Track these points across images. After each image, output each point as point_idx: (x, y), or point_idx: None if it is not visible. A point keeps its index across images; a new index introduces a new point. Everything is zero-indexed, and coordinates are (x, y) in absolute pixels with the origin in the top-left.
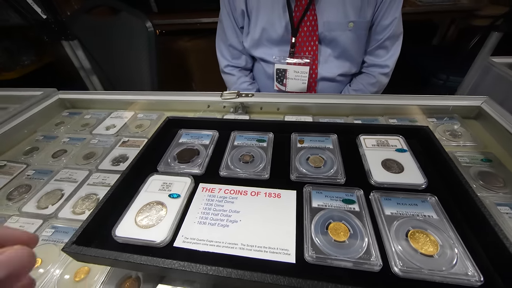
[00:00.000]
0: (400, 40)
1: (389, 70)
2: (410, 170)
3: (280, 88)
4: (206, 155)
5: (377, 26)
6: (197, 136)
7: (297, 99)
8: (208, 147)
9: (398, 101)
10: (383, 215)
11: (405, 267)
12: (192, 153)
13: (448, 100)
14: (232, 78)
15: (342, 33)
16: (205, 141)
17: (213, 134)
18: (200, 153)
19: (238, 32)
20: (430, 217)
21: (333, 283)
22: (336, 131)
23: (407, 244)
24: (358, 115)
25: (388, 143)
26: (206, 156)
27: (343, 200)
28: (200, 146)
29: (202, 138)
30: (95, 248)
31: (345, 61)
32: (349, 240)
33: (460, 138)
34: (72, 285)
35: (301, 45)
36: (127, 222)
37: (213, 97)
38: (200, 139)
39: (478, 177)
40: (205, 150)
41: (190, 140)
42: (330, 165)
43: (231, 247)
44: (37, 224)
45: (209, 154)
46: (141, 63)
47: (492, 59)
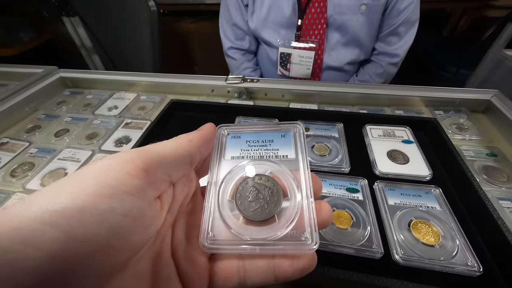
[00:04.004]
0: (415, 27)
1: (399, 59)
2: (416, 161)
3: (283, 73)
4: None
5: (391, 9)
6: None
7: (302, 86)
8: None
9: (405, 92)
10: (386, 204)
11: (406, 255)
12: (272, 191)
13: (457, 93)
14: (235, 63)
15: (353, 17)
16: (285, 150)
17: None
18: (290, 189)
19: (243, 10)
20: (433, 208)
21: (334, 268)
22: (343, 120)
23: (409, 234)
24: (364, 105)
25: (395, 134)
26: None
27: (347, 189)
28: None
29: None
30: None
31: (354, 48)
32: (351, 228)
33: (466, 131)
34: None
35: (307, 28)
36: None
37: (217, 81)
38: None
39: (482, 171)
40: (292, 180)
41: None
42: (335, 154)
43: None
44: None
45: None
46: (143, 43)
47: (506, 52)
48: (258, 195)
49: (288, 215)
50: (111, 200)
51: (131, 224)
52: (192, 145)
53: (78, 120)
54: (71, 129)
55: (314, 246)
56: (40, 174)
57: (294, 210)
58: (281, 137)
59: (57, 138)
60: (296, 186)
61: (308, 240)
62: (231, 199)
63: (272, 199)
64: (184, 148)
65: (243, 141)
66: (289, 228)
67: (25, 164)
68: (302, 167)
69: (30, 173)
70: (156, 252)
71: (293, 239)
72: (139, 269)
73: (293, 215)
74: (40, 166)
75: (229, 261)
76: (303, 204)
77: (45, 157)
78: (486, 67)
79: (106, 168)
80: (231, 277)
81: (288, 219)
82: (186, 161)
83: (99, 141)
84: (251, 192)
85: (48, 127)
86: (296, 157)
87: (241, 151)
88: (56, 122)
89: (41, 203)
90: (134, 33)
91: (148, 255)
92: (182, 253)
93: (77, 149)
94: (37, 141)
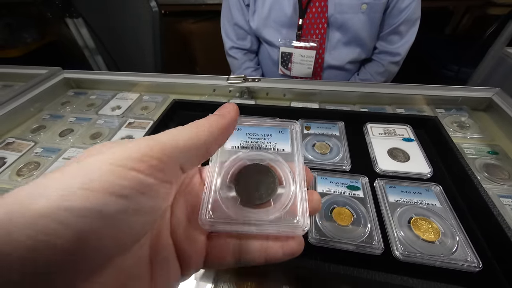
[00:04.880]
0: (416, 26)
1: (400, 58)
2: (416, 159)
3: (284, 72)
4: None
5: (392, 8)
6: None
7: (304, 85)
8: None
9: (406, 91)
10: (387, 202)
11: (406, 251)
12: (269, 180)
13: (458, 91)
14: (237, 62)
15: (353, 16)
16: (283, 144)
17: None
18: (286, 180)
19: (244, 9)
20: (434, 205)
21: (335, 264)
22: (344, 119)
23: (409, 230)
24: (365, 104)
25: (396, 132)
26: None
27: (347, 186)
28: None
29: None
30: None
31: (355, 47)
32: (352, 225)
33: (467, 130)
34: None
35: (308, 27)
36: None
37: (219, 81)
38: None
39: (483, 169)
40: (289, 172)
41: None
42: (336, 152)
43: None
44: None
45: (301, 173)
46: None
47: (508, 50)
48: (256, 181)
49: (283, 201)
50: (124, 201)
51: (141, 218)
52: (210, 134)
53: (82, 120)
54: (75, 129)
55: (305, 228)
56: (45, 173)
57: (289, 197)
58: (279, 133)
59: (61, 138)
60: (291, 176)
61: (299, 223)
62: (230, 183)
63: (269, 186)
64: (200, 138)
65: (244, 133)
66: (284, 212)
67: (31, 164)
68: (297, 160)
69: (35, 172)
70: (156, 232)
71: (287, 222)
72: (140, 249)
73: (287, 201)
74: (45, 165)
75: (226, 240)
76: (296, 192)
77: (50, 157)
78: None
79: (115, 167)
80: (227, 256)
81: (282, 204)
82: (202, 152)
83: (103, 140)
84: (250, 178)
85: (52, 127)
86: (292, 151)
87: (242, 142)
88: (60, 122)
89: (56, 187)
90: (136, 34)
91: (148, 235)
92: (181, 232)
93: (81, 148)
94: (42, 140)
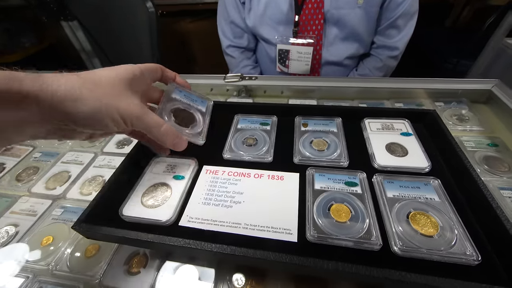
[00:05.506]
0: (414, 19)
1: (398, 52)
2: (414, 153)
3: (282, 70)
4: (205, 123)
5: (390, 2)
6: (192, 99)
7: (301, 82)
8: (205, 115)
9: (404, 85)
10: (385, 197)
11: (404, 246)
12: (190, 117)
13: (457, 84)
14: (234, 61)
15: (350, 11)
16: (200, 107)
17: (208, 103)
18: (199, 120)
19: (240, 7)
20: (432, 199)
21: (333, 261)
22: (341, 115)
23: (407, 225)
24: (364, 99)
25: (393, 126)
26: (205, 125)
27: (345, 182)
28: (196, 111)
29: (197, 103)
30: (104, 226)
31: (352, 43)
32: (350, 221)
33: (467, 122)
34: (83, 261)
35: (305, 24)
36: (134, 202)
37: (216, 80)
38: (195, 103)
39: (483, 161)
40: (202, 117)
41: (183, 99)
42: (333, 148)
43: (235, 226)
44: (47, 204)
45: (207, 123)
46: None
47: (507, 41)
48: (184, 116)
49: (195, 128)
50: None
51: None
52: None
53: None
54: None
55: (202, 141)
56: (44, 177)
57: (199, 125)
58: (201, 101)
59: (60, 142)
60: (202, 116)
61: (202, 135)
62: (170, 113)
63: (190, 119)
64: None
65: (182, 93)
66: (195, 130)
67: (30, 168)
68: (205, 113)
69: (35, 177)
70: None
71: (194, 133)
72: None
73: (197, 127)
74: (44, 169)
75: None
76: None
77: (49, 161)
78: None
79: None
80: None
81: (195, 129)
82: (158, 71)
83: (101, 143)
84: (180, 113)
85: None
86: (205, 111)
87: (180, 96)
88: None
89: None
90: (133, 35)
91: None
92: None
93: (80, 152)
94: (40, 145)
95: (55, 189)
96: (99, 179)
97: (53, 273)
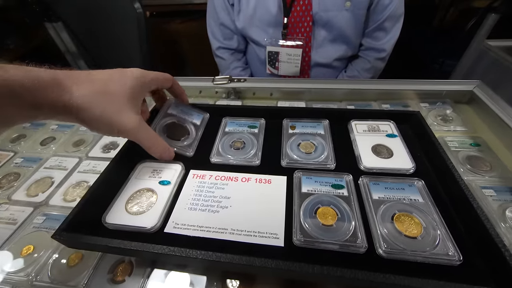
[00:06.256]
0: (400, 21)
1: (385, 54)
2: (399, 155)
3: (272, 72)
4: (197, 137)
5: (376, 5)
6: (188, 113)
7: (290, 84)
8: (199, 129)
9: (391, 86)
10: (370, 199)
11: (389, 248)
12: (182, 131)
13: (441, 85)
14: (224, 63)
15: (338, 13)
16: (195, 121)
17: (204, 115)
18: (191, 133)
19: (229, 9)
20: (416, 200)
21: (319, 265)
22: (328, 117)
23: (392, 227)
24: (352, 100)
25: (379, 128)
26: (196, 139)
27: (332, 185)
28: (191, 125)
29: (193, 117)
30: (85, 235)
31: (341, 45)
32: (336, 224)
33: (451, 123)
34: (66, 271)
35: (293, 26)
36: (118, 209)
37: (204, 82)
38: (191, 117)
39: (466, 161)
40: (195, 131)
41: (179, 114)
42: (320, 151)
43: (221, 232)
44: (28, 211)
45: (199, 136)
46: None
47: (488, 42)
48: (176, 130)
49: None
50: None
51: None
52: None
53: (65, 127)
54: (58, 136)
55: (191, 153)
56: (26, 184)
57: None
58: (197, 115)
59: (43, 147)
60: (195, 128)
61: (191, 147)
62: (164, 127)
63: (183, 132)
64: (162, 77)
65: (179, 108)
66: (186, 142)
67: (11, 175)
68: (199, 126)
69: (16, 184)
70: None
71: (185, 145)
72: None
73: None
74: (26, 176)
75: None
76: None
77: (31, 167)
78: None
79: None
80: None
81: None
82: (169, 81)
83: (87, 147)
84: (174, 127)
85: (33, 136)
86: (199, 123)
87: (176, 111)
88: (42, 130)
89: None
90: (121, 37)
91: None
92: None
93: (63, 156)
94: (22, 150)
95: (37, 195)
96: (83, 184)
97: (33, 284)
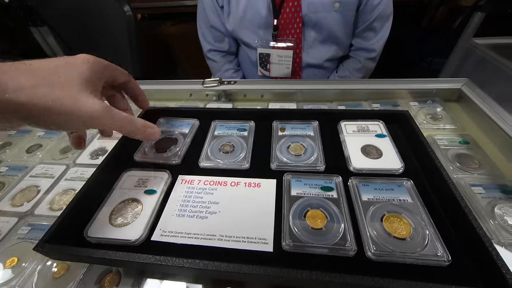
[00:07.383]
0: (389, 21)
1: (376, 54)
2: (389, 155)
3: (264, 73)
4: (184, 144)
5: (365, 5)
6: (177, 125)
7: (281, 85)
8: (186, 136)
9: (381, 86)
10: (360, 201)
11: (378, 251)
12: (170, 142)
13: (430, 83)
14: (216, 65)
15: (327, 15)
16: (184, 129)
17: (193, 122)
18: (178, 141)
19: (219, 11)
20: (405, 201)
21: (307, 270)
22: (318, 118)
23: (381, 228)
24: (342, 101)
25: (369, 128)
26: (184, 145)
27: (321, 187)
28: (179, 135)
29: (182, 127)
30: (69, 246)
31: (331, 45)
32: (326, 227)
33: (440, 121)
34: (52, 282)
35: (284, 27)
36: (100, 221)
37: (194, 85)
38: (179, 128)
39: (455, 159)
40: (183, 139)
41: (169, 128)
42: (310, 152)
43: (210, 238)
44: (13, 222)
45: (187, 143)
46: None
47: (475, 40)
48: (163, 142)
49: (175, 150)
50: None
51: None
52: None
53: (52, 134)
54: (44, 143)
55: (179, 160)
56: (10, 193)
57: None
58: (186, 124)
59: (29, 154)
60: (183, 137)
61: (177, 156)
62: (151, 147)
63: (170, 142)
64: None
65: (169, 124)
66: (172, 151)
67: None
68: (187, 134)
69: (0, 193)
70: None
71: (171, 155)
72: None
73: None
74: (11, 185)
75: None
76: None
77: (16, 175)
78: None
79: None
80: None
81: (176, 151)
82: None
83: (74, 154)
84: (161, 141)
85: (19, 143)
86: (188, 131)
87: (166, 127)
88: (28, 138)
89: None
90: (111, 40)
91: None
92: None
93: (50, 164)
94: (7, 158)
95: (22, 205)
96: (71, 192)
97: None
